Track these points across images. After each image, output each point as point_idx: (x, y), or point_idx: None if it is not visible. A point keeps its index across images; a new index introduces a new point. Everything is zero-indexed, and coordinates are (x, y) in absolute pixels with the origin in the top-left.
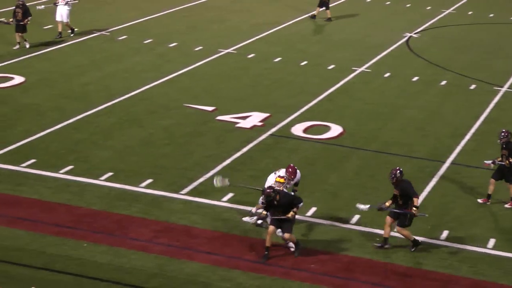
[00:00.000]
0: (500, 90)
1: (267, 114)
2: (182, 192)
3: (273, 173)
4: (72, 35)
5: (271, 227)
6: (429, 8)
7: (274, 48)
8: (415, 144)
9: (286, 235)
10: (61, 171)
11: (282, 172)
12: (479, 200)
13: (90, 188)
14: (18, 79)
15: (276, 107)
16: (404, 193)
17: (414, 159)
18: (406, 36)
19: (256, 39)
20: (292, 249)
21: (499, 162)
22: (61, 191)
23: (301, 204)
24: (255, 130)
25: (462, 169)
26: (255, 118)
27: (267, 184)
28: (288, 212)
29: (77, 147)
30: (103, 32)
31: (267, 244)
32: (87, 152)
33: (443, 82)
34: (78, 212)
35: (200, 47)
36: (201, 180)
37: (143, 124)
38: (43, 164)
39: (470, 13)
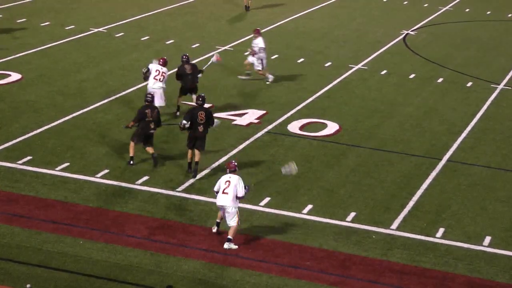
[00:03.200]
0: (497, 87)
1: (264, 111)
2: (178, 189)
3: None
4: None
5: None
6: (426, 5)
7: (272, 45)
8: (412, 141)
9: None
10: (57, 168)
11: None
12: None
13: (86, 185)
14: (15, 76)
15: (273, 104)
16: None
17: (411, 157)
18: (403, 33)
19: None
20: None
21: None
22: (58, 188)
23: None
24: (252, 128)
25: (459, 166)
26: (251, 115)
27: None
28: None
29: (74, 144)
30: (100, 29)
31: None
32: (84, 149)
33: (440, 80)
34: (75, 209)
35: (197, 44)
36: (197, 177)
37: None
38: (39, 161)
39: (467, 10)
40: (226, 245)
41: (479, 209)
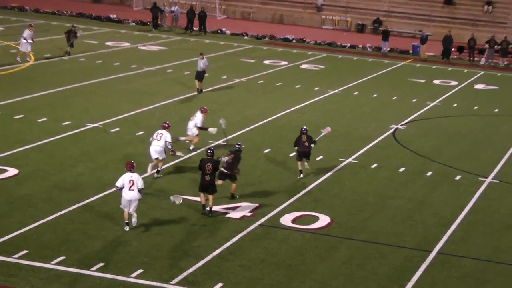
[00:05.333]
0: (485, 180)
1: (257, 205)
2: (172, 282)
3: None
4: None
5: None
6: (415, 100)
7: (265, 139)
8: (403, 234)
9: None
10: (53, 262)
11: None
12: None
13: (81, 278)
14: (12, 171)
15: (266, 197)
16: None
17: (402, 249)
18: (392, 128)
19: (248, 130)
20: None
21: None
22: (53, 282)
23: None
24: (245, 221)
25: (449, 259)
26: (244, 209)
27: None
28: None
29: (69, 237)
30: (96, 125)
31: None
32: (79, 242)
33: (430, 173)
34: None
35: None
36: (191, 270)
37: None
38: (35, 255)
39: (455, 105)
40: (134, 220)
41: None
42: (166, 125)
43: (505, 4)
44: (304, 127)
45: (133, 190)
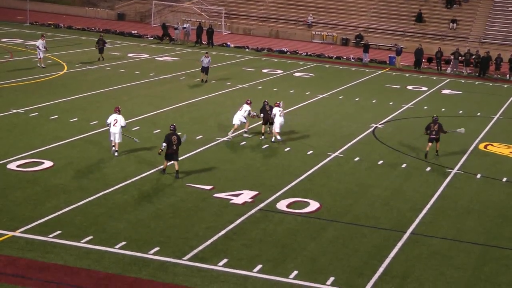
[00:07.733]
0: (451, 171)
1: (257, 192)
2: (184, 258)
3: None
4: None
5: None
6: (391, 103)
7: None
8: (381, 217)
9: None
10: (82, 241)
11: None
12: None
13: (107, 255)
14: (48, 163)
15: (264, 186)
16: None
17: (380, 230)
18: (372, 127)
19: (249, 129)
20: None
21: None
22: (83, 258)
23: None
24: (246, 206)
25: (420, 238)
26: (246, 195)
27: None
28: None
29: (96, 220)
30: None
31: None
32: (105, 224)
33: (404, 165)
34: (97, 275)
35: (201, 136)
36: (200, 248)
37: (152, 201)
38: (68, 234)
39: (425, 107)
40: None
41: (439, 275)
42: (249, 101)
43: (467, 22)
44: (435, 116)
45: (116, 126)
